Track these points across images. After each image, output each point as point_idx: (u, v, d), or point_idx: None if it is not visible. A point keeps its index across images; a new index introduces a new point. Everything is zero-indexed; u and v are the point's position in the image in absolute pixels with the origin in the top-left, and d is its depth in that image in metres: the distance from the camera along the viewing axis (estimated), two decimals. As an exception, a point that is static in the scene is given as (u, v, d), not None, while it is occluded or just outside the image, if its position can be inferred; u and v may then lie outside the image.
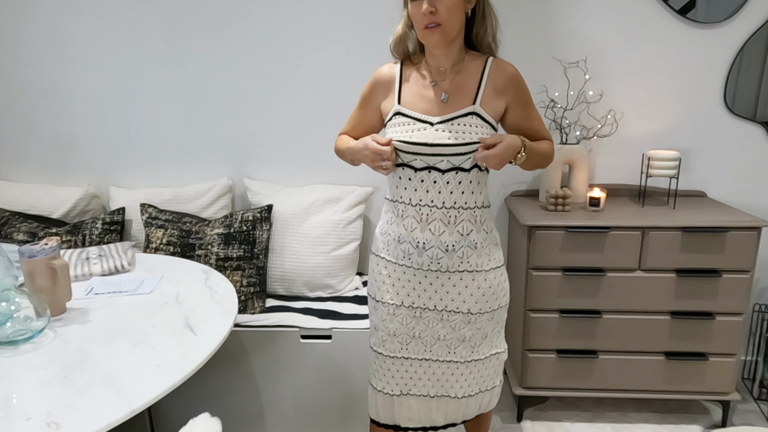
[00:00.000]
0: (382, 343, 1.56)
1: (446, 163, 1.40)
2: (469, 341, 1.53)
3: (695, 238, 1.98)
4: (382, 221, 1.56)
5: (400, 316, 1.52)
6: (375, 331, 1.58)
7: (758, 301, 2.43)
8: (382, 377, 1.58)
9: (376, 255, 1.56)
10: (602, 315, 2.07)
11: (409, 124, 1.41)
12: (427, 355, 1.55)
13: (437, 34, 1.34)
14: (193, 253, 2.09)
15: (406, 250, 1.47)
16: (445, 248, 1.44)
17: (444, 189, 1.41)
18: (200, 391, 2.06)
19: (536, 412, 2.28)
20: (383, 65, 1.53)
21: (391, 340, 1.54)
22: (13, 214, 2.30)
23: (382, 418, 1.64)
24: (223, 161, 2.45)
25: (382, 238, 1.54)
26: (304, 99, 2.36)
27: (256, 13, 2.28)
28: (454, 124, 1.39)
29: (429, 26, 1.33)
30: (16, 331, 1.27)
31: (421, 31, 1.36)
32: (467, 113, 1.40)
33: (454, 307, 1.49)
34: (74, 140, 2.46)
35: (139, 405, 1.07)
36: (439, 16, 1.31)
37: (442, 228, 1.43)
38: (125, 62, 2.36)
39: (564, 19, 2.24)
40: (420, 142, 1.39)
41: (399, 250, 1.48)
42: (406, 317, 1.52)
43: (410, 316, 1.51)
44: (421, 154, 1.40)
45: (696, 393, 2.13)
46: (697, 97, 2.28)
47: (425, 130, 1.39)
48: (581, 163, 2.23)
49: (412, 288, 1.49)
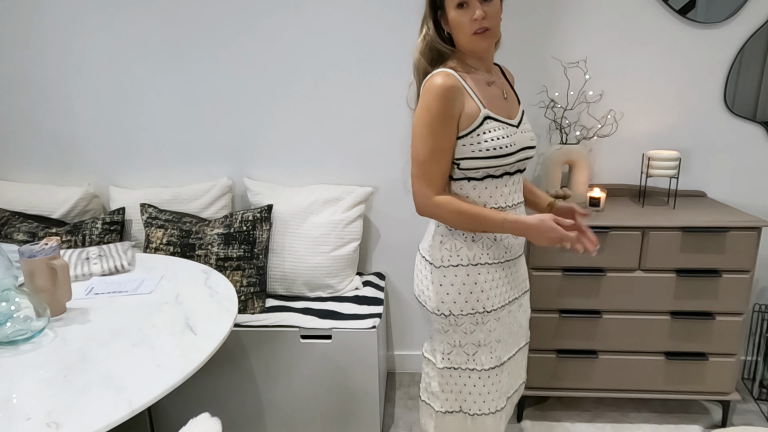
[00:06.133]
0: (493, 356, 1.46)
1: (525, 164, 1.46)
2: (527, 319, 1.60)
3: (695, 238, 1.98)
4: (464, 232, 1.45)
5: (502, 318, 1.47)
6: (479, 348, 1.45)
7: (758, 301, 2.43)
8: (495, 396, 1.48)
9: (472, 265, 1.42)
10: (602, 315, 2.07)
11: (504, 128, 1.38)
12: (515, 349, 1.55)
13: (488, 39, 1.36)
14: (193, 253, 2.09)
15: (508, 245, 1.46)
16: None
17: (519, 186, 1.48)
18: (200, 391, 2.06)
19: (536, 412, 2.28)
20: (437, 78, 1.32)
21: (501, 348, 1.48)
22: (13, 214, 2.30)
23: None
24: (223, 161, 2.45)
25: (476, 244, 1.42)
26: (305, 99, 2.36)
27: (256, 13, 2.28)
28: (525, 123, 1.46)
29: (478, 32, 1.34)
30: (16, 331, 1.27)
31: (469, 37, 1.34)
32: (523, 110, 1.48)
33: (525, 287, 1.57)
34: (74, 140, 2.46)
35: (139, 405, 1.07)
36: (488, 21, 1.33)
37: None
38: (126, 62, 2.36)
39: (564, 19, 2.24)
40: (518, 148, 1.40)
41: (500, 247, 1.44)
42: (505, 317, 1.48)
43: (506, 315, 1.49)
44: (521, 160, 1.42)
45: (696, 393, 2.13)
46: (697, 97, 2.29)
47: (515, 135, 1.40)
48: (581, 163, 2.23)
49: (507, 282, 1.48)
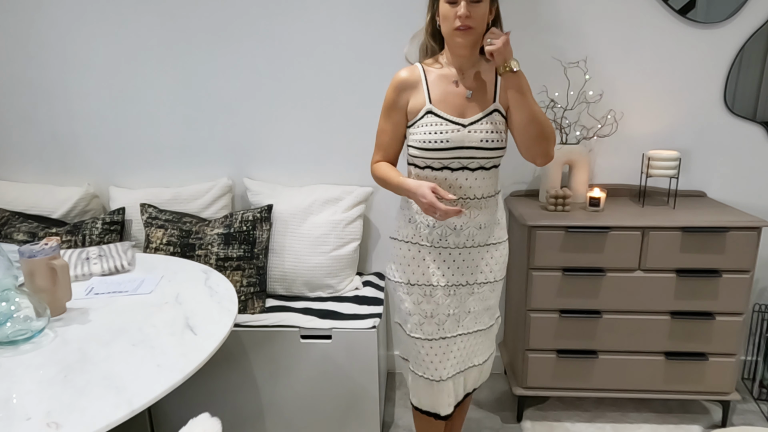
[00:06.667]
0: (419, 327, 1.60)
1: (476, 162, 1.50)
2: (489, 309, 1.66)
3: (695, 238, 1.98)
4: (410, 210, 1.58)
5: (436, 297, 1.58)
6: (409, 317, 1.61)
7: (758, 301, 2.43)
8: (422, 362, 1.63)
9: (406, 241, 1.59)
10: (602, 315, 2.07)
11: (441, 125, 1.48)
12: (460, 331, 1.62)
13: (468, 37, 1.43)
14: (193, 253, 2.09)
15: (442, 234, 1.54)
16: (479, 226, 1.55)
17: (474, 183, 1.52)
18: (200, 391, 2.06)
19: (536, 412, 2.28)
20: (400, 71, 1.53)
21: (428, 323, 1.59)
22: (13, 214, 2.30)
23: (423, 405, 1.69)
24: (223, 161, 2.45)
25: (411, 225, 1.58)
26: (305, 99, 2.36)
27: (256, 13, 2.28)
28: (483, 123, 1.48)
29: (460, 28, 1.41)
30: (16, 331, 1.27)
31: (451, 31, 1.43)
32: (491, 111, 1.50)
33: (483, 279, 1.60)
34: (74, 140, 2.46)
35: (139, 405, 1.07)
36: (472, 20, 1.40)
37: (476, 212, 1.54)
38: (126, 62, 2.36)
39: (564, 19, 2.24)
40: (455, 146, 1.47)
41: (434, 234, 1.55)
42: (441, 297, 1.58)
43: (445, 295, 1.58)
44: (457, 157, 1.48)
45: (696, 393, 2.13)
46: (697, 97, 2.28)
47: (458, 132, 1.47)
48: (581, 163, 2.23)
49: (447, 267, 1.57)
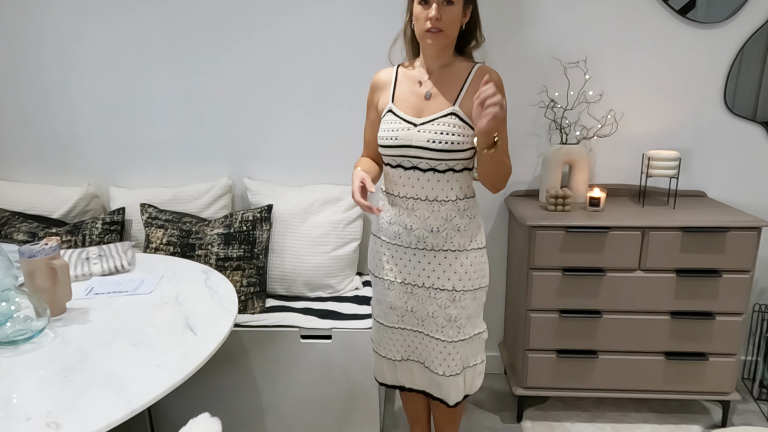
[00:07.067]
0: (384, 315, 1.69)
1: (425, 163, 1.50)
2: (455, 321, 1.60)
3: (695, 238, 1.98)
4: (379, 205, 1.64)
5: (395, 291, 1.63)
6: (378, 304, 1.71)
7: (758, 301, 2.43)
8: (385, 345, 1.73)
9: (375, 235, 1.68)
10: (602, 315, 2.07)
11: (396, 122, 1.52)
12: (420, 329, 1.65)
13: (438, 39, 1.45)
14: (193, 253, 2.09)
15: (397, 231, 1.59)
16: (430, 230, 1.54)
17: (426, 185, 1.52)
18: (200, 391, 2.06)
19: (536, 412, 2.28)
20: (381, 70, 1.63)
21: (391, 313, 1.66)
22: (13, 214, 2.30)
23: (388, 380, 1.78)
24: (223, 161, 2.45)
25: (377, 220, 1.66)
26: (304, 99, 2.36)
27: (256, 14, 2.28)
28: (435, 124, 1.48)
29: (431, 30, 1.43)
30: (16, 331, 1.27)
31: (422, 33, 1.46)
32: (447, 114, 1.48)
33: (440, 285, 1.58)
34: (74, 140, 2.46)
35: (139, 405, 1.07)
36: (442, 23, 1.42)
37: (427, 215, 1.54)
38: (126, 62, 2.36)
39: (564, 19, 2.24)
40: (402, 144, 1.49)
41: (391, 230, 1.60)
42: (399, 292, 1.63)
43: (404, 292, 1.62)
44: (405, 156, 1.50)
45: (696, 393, 2.13)
46: (697, 97, 2.28)
47: (408, 131, 1.49)
48: (581, 163, 2.23)
49: (404, 265, 1.60)
